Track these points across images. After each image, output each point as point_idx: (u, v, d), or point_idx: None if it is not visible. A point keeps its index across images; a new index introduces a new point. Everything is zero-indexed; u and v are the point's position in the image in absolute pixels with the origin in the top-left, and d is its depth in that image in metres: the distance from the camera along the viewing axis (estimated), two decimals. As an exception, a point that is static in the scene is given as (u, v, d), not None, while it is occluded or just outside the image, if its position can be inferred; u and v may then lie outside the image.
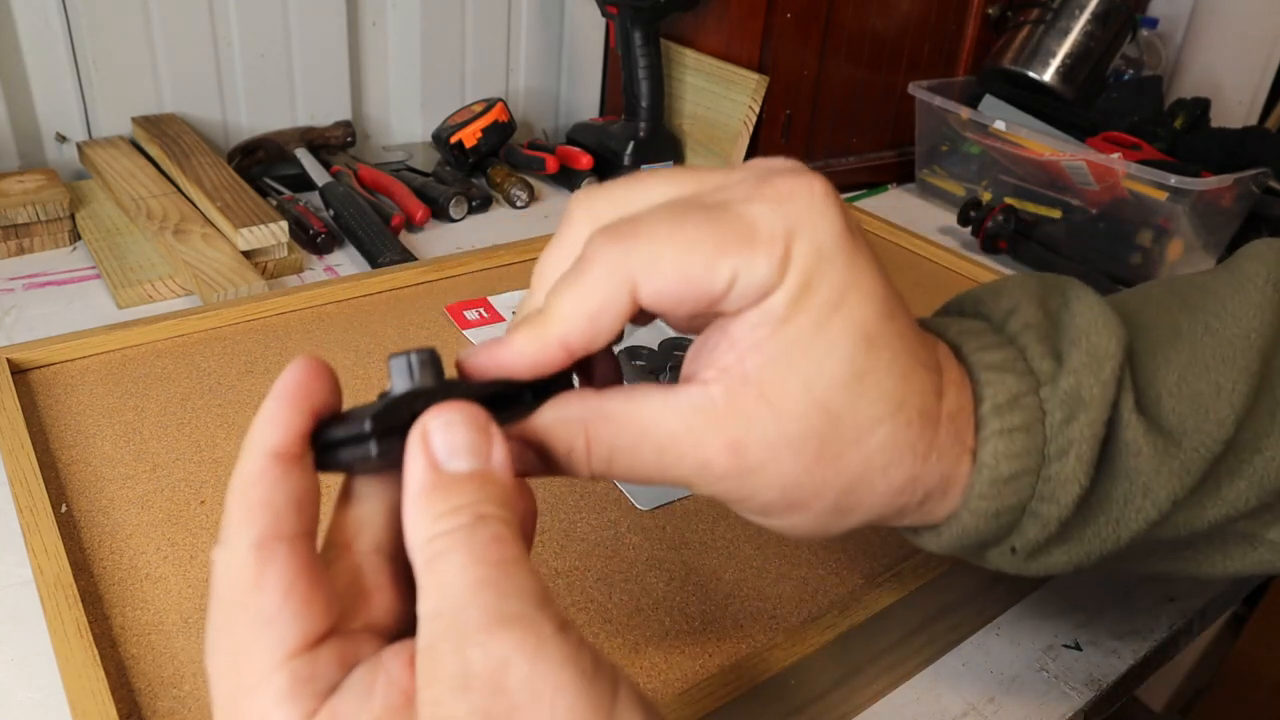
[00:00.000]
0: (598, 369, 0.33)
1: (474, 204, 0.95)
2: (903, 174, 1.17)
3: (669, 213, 0.28)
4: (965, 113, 1.03)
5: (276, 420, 0.25)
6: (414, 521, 0.24)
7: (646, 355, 0.60)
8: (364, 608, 0.26)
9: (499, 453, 0.26)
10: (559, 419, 0.29)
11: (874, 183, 1.15)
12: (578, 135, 1.06)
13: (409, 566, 0.25)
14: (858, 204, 0.99)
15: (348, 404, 0.28)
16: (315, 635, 0.24)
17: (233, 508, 0.25)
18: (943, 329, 0.34)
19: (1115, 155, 0.94)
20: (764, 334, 0.28)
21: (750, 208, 0.28)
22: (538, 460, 0.30)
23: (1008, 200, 1.02)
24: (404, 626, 0.27)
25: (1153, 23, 1.33)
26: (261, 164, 0.96)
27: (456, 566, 0.23)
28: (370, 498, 0.28)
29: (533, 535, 0.29)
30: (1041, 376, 0.32)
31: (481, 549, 0.24)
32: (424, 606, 0.23)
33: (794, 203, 0.28)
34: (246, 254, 0.76)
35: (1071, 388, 0.32)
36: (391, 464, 0.26)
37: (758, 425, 0.28)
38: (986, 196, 1.06)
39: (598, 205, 0.31)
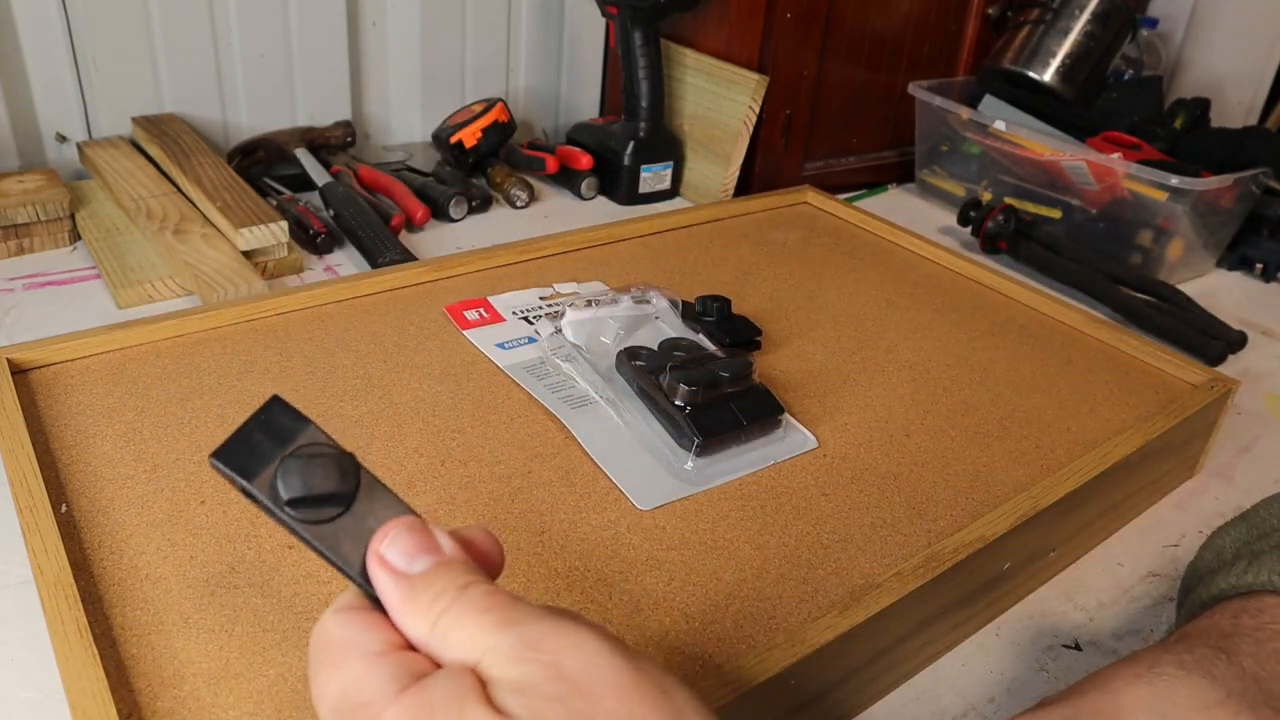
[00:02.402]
0: None
1: (474, 204, 0.95)
2: (903, 174, 1.17)
3: None
4: (965, 113, 1.03)
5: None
6: (411, 622, 0.28)
7: (646, 356, 0.60)
8: None
9: (444, 540, 0.29)
10: None
11: (874, 183, 1.15)
12: (578, 135, 1.06)
13: None
14: (858, 204, 0.99)
15: (348, 405, 0.29)
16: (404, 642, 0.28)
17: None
18: None
19: (1115, 155, 0.94)
20: None
21: None
22: None
23: (1008, 200, 1.02)
24: None
25: (1153, 23, 1.33)
26: (261, 164, 0.96)
27: (471, 624, 0.26)
28: None
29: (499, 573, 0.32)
30: None
31: (481, 603, 0.27)
32: (462, 659, 0.26)
33: None
34: (246, 254, 0.77)
35: None
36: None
37: None
38: (986, 196, 1.06)
39: None
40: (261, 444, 0.30)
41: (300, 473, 0.29)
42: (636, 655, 0.26)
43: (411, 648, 0.28)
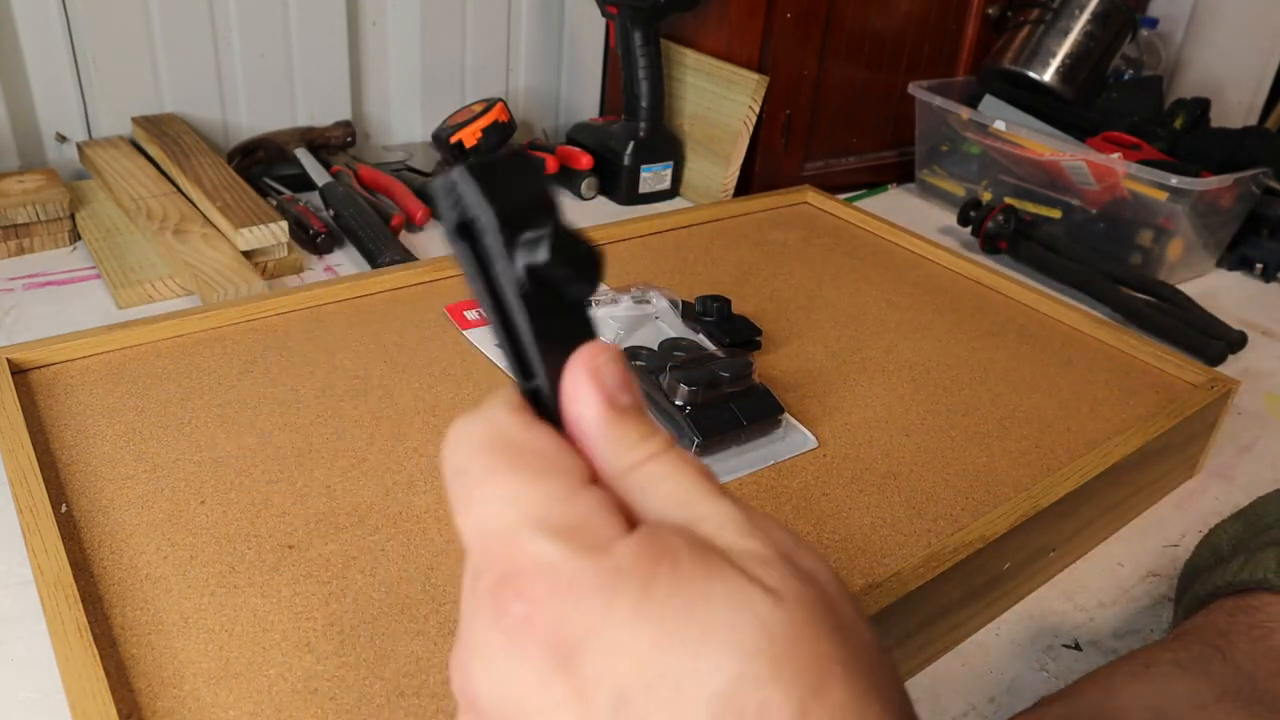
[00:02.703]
0: None
1: (474, 204, 0.95)
2: (903, 174, 1.17)
3: None
4: (965, 113, 1.03)
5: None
6: (612, 453, 0.23)
7: (646, 355, 0.60)
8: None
9: (639, 392, 0.25)
10: None
11: (874, 183, 1.15)
12: (578, 135, 1.06)
13: None
14: (858, 204, 0.99)
15: (348, 405, 0.28)
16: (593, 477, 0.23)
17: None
18: None
19: (1115, 155, 0.94)
20: None
21: None
22: None
23: (1008, 200, 1.02)
24: None
25: (1153, 23, 1.33)
26: (261, 164, 0.96)
27: (688, 481, 0.23)
28: None
29: None
30: None
31: (698, 467, 0.23)
32: (663, 512, 0.23)
33: None
34: (246, 254, 0.76)
35: None
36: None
37: None
38: (986, 196, 1.06)
39: None
40: (514, 192, 0.25)
41: (560, 240, 0.24)
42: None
43: None
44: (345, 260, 0.84)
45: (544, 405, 0.25)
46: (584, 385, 0.24)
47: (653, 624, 0.20)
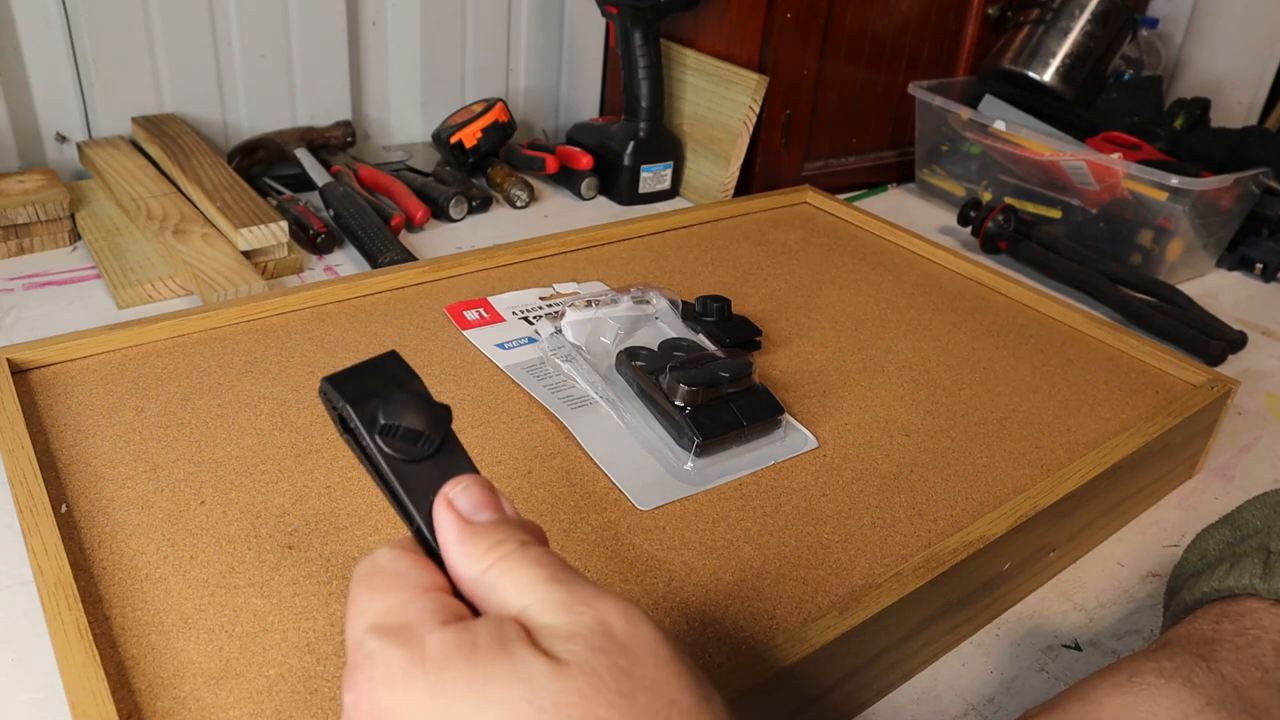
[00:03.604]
0: None
1: (474, 204, 0.95)
2: (903, 174, 1.17)
3: None
4: (965, 113, 1.03)
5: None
6: (465, 563, 0.28)
7: (646, 356, 0.60)
8: None
9: (508, 506, 0.30)
10: None
11: (874, 183, 1.15)
12: (578, 135, 1.06)
13: None
14: (858, 204, 0.99)
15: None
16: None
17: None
18: None
19: (1115, 155, 0.94)
20: None
21: None
22: None
23: (1008, 200, 1.02)
24: None
25: (1153, 23, 1.33)
26: (261, 164, 0.96)
27: (525, 574, 0.27)
28: None
29: None
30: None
31: (537, 558, 0.27)
32: (505, 605, 0.27)
33: None
34: (246, 254, 0.76)
35: None
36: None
37: None
38: (986, 196, 1.06)
39: None
40: (370, 382, 0.31)
41: (400, 407, 0.30)
42: (676, 639, 0.27)
43: (458, 597, 0.28)
44: (345, 260, 0.84)
45: (425, 541, 0.30)
46: (441, 514, 0.29)
47: (445, 700, 0.24)
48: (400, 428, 0.30)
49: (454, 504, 0.29)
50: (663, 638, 0.26)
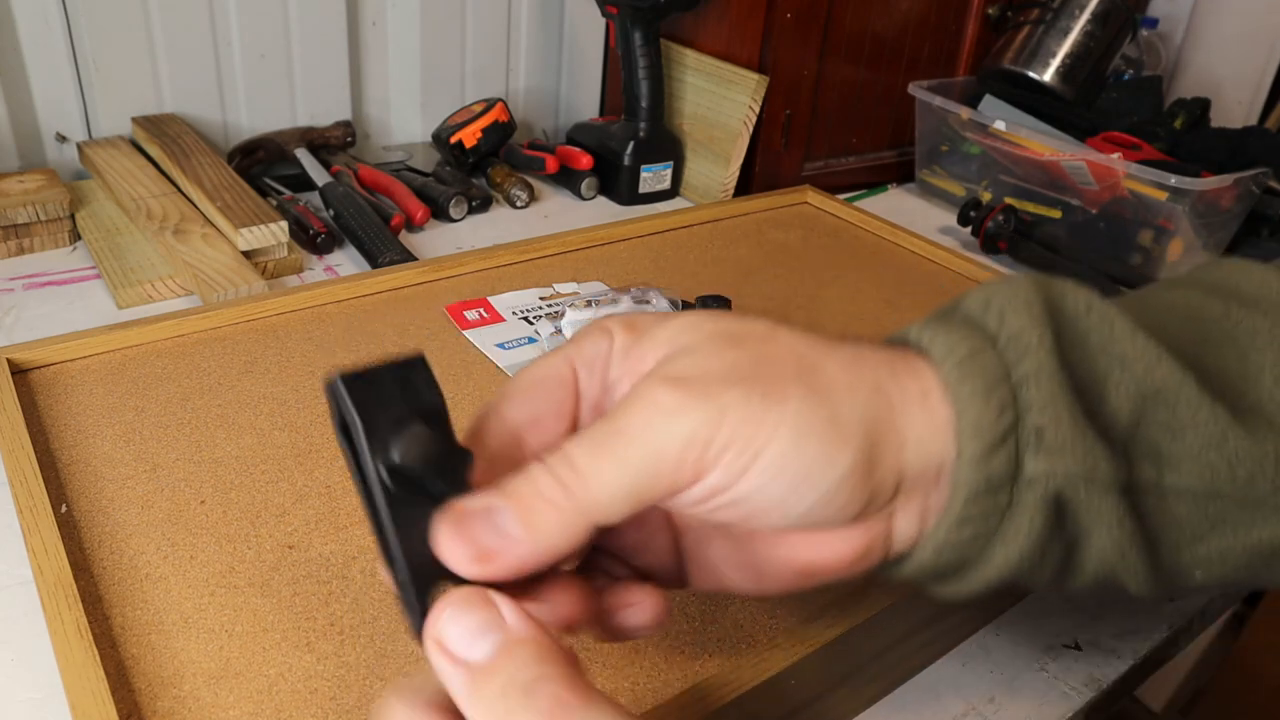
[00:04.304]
0: None
1: (474, 204, 0.95)
2: (903, 174, 1.17)
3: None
4: (965, 113, 1.03)
5: None
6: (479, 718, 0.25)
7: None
8: None
9: (509, 614, 0.26)
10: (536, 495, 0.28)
11: (874, 183, 1.15)
12: (578, 135, 1.06)
13: None
14: (858, 204, 0.99)
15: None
16: None
17: None
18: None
19: (1115, 155, 0.94)
20: (626, 354, 0.32)
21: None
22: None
23: (1008, 200, 1.02)
24: None
25: (1153, 23, 1.33)
26: (261, 164, 0.96)
27: None
28: None
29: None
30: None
31: (547, 708, 0.24)
32: None
33: (606, 318, 0.34)
34: (246, 254, 0.76)
35: (978, 296, 0.34)
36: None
37: (679, 362, 0.30)
38: (986, 196, 1.06)
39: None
40: (388, 392, 0.27)
41: (419, 447, 0.27)
42: None
43: None
44: (345, 260, 0.84)
45: (401, 579, 0.27)
46: (434, 658, 0.26)
47: None
48: (415, 471, 0.27)
49: (445, 646, 0.26)
50: None
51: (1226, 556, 0.33)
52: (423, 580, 0.27)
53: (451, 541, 0.27)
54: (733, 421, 0.28)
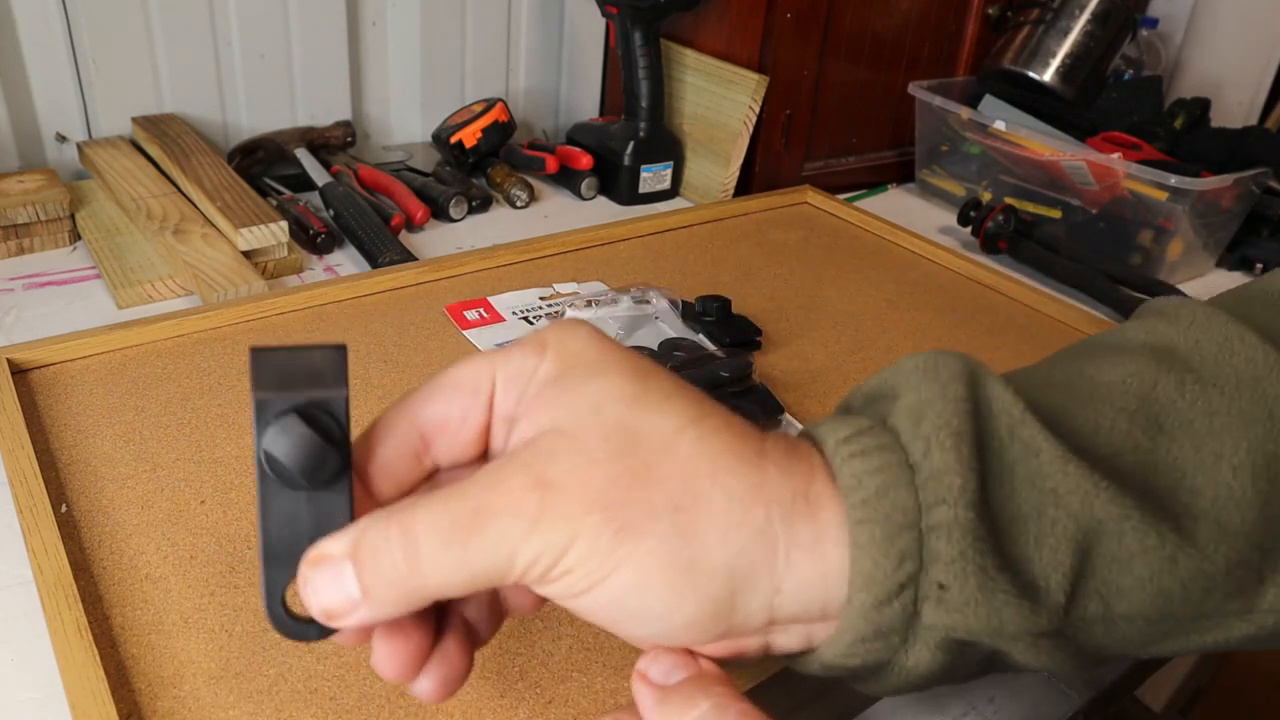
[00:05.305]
0: None
1: (474, 204, 0.95)
2: (903, 174, 1.17)
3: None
4: (965, 113, 1.03)
5: None
6: None
7: (646, 356, 0.60)
8: None
9: (705, 660, 0.30)
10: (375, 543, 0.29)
11: (874, 183, 1.15)
12: (578, 135, 1.06)
13: None
14: (858, 204, 0.99)
15: (352, 409, 0.29)
16: None
17: None
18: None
19: (1115, 155, 0.94)
20: (540, 390, 0.31)
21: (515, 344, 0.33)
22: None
23: (1008, 200, 1.02)
24: None
25: (1153, 23, 1.33)
26: (261, 164, 0.96)
27: None
28: None
29: None
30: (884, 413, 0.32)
31: None
32: None
33: (550, 330, 0.32)
34: (246, 254, 0.76)
35: (912, 404, 0.31)
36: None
37: (559, 456, 0.29)
38: (986, 196, 1.06)
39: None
40: (294, 375, 0.28)
41: (288, 438, 0.27)
42: None
43: None
44: (345, 260, 0.84)
45: (265, 560, 0.29)
46: (635, 686, 0.30)
47: None
48: (279, 463, 0.28)
49: (646, 675, 0.30)
50: None
51: (1177, 652, 0.33)
52: (275, 565, 0.29)
53: (304, 591, 0.29)
54: (579, 551, 0.28)
